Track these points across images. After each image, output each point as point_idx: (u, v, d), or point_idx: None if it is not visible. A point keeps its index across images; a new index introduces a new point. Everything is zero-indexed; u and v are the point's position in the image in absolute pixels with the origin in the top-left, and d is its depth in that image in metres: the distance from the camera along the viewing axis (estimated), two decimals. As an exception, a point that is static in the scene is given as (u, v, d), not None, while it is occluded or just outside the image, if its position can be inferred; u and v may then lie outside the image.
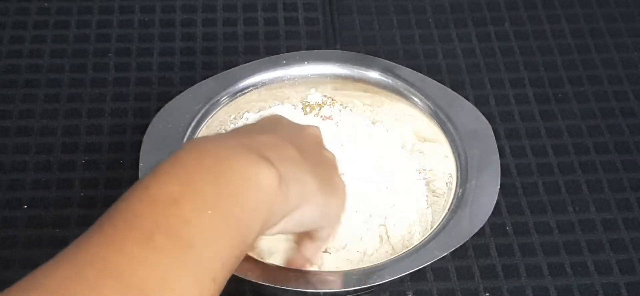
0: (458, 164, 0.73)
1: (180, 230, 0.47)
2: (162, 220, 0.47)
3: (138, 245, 0.46)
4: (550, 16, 0.96)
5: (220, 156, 0.52)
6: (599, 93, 0.89)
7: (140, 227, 0.47)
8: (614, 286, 0.74)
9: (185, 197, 0.49)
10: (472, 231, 0.67)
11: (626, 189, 0.81)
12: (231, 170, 0.52)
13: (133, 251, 0.45)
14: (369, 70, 0.79)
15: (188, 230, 0.47)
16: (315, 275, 0.65)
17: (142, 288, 0.45)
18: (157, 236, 0.46)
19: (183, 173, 0.50)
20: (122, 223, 0.47)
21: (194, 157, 0.52)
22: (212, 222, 0.49)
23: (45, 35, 0.92)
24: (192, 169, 0.51)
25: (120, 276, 0.45)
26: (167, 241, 0.46)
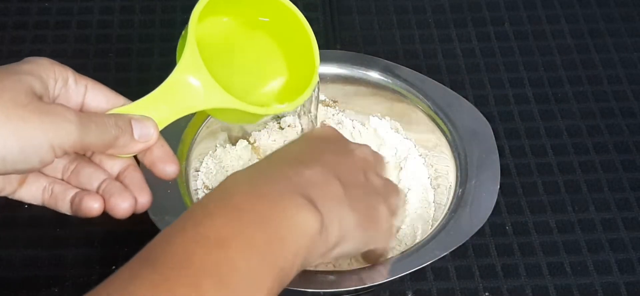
0: (458, 164, 0.73)
1: (227, 275, 0.48)
2: (210, 262, 0.48)
3: (187, 290, 0.46)
4: (550, 16, 0.96)
5: (269, 200, 0.53)
6: (599, 93, 0.89)
7: (190, 268, 0.47)
8: (613, 286, 0.74)
9: (234, 240, 0.50)
10: (472, 231, 0.67)
11: (625, 189, 0.81)
12: (278, 216, 0.52)
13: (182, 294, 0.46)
14: (369, 70, 0.79)
15: (234, 275, 0.48)
16: (315, 275, 0.65)
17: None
18: (205, 280, 0.47)
19: (233, 216, 0.51)
20: (172, 262, 0.48)
21: (246, 199, 0.53)
22: (256, 268, 0.50)
23: (45, 35, 0.92)
24: (243, 212, 0.52)
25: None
26: (214, 287, 0.47)
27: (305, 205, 0.53)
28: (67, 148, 0.55)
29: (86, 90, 0.59)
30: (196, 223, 0.51)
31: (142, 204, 0.59)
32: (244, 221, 0.51)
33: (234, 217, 0.51)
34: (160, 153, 0.60)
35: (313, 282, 0.64)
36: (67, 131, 0.55)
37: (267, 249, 0.51)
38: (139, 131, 0.58)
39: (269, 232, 0.51)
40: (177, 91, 0.61)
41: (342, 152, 0.62)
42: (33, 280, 0.73)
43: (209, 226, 0.50)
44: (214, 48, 0.65)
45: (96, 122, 0.57)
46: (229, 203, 0.52)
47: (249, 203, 0.52)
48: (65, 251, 0.74)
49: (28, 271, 0.73)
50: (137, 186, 0.59)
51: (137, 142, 0.58)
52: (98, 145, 0.57)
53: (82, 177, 0.59)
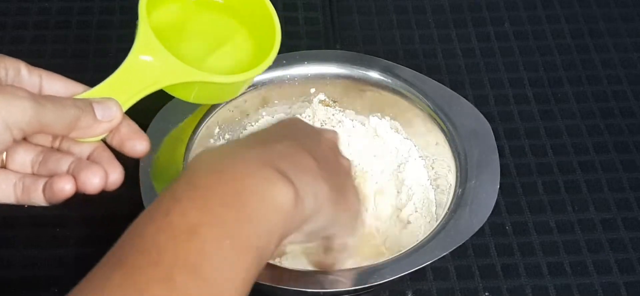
0: (458, 164, 0.73)
1: (199, 265, 0.47)
2: (181, 254, 0.47)
3: (160, 287, 0.45)
4: (550, 16, 0.96)
5: (237, 175, 0.51)
6: (599, 93, 0.89)
7: (161, 264, 0.46)
8: (613, 286, 0.74)
9: (204, 226, 0.48)
10: (472, 231, 0.67)
11: (625, 189, 0.81)
12: (249, 191, 0.51)
13: (155, 292, 0.45)
14: (369, 70, 0.79)
15: (207, 264, 0.47)
16: (315, 275, 0.65)
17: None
18: (177, 273, 0.46)
19: (200, 197, 0.50)
20: (143, 260, 0.47)
21: (213, 178, 0.51)
22: (230, 252, 0.48)
23: (45, 35, 0.92)
24: (211, 193, 0.50)
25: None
26: (187, 279, 0.46)
27: (277, 178, 0.52)
28: (24, 126, 0.54)
29: (41, 79, 0.59)
30: (164, 211, 0.49)
31: (114, 179, 0.58)
32: (212, 203, 0.49)
33: (201, 200, 0.49)
34: (127, 130, 0.59)
35: (313, 282, 0.64)
36: (20, 108, 0.54)
37: (239, 230, 0.49)
38: (102, 111, 0.58)
39: (239, 212, 0.50)
40: (135, 72, 0.61)
41: (311, 132, 0.62)
42: (33, 280, 0.73)
43: (177, 214, 0.49)
44: (172, 29, 0.65)
45: (53, 101, 0.56)
46: (196, 184, 0.51)
47: (217, 183, 0.51)
48: (65, 251, 0.74)
49: (28, 271, 0.73)
50: (107, 161, 0.58)
51: (100, 122, 0.58)
52: (58, 125, 0.56)
53: (50, 163, 0.58)
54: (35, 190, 0.58)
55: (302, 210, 0.53)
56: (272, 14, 0.67)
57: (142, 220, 0.49)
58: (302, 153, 0.56)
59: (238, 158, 0.53)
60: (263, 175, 0.52)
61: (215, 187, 0.50)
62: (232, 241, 0.49)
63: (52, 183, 0.57)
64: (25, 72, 0.59)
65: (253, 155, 0.53)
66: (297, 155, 0.55)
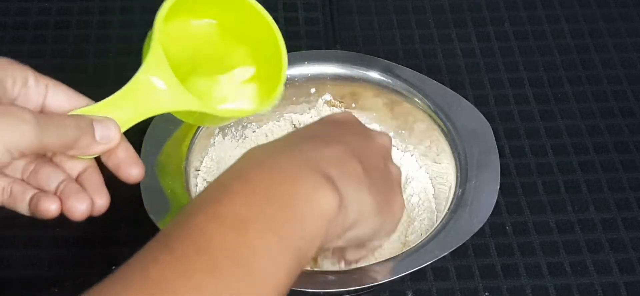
0: (458, 164, 0.73)
1: (245, 257, 0.48)
2: (229, 245, 0.48)
3: (205, 274, 0.46)
4: (550, 16, 0.96)
5: (287, 176, 0.52)
6: (599, 93, 0.89)
7: (208, 251, 0.47)
8: (613, 286, 0.74)
9: (253, 221, 0.49)
10: (472, 231, 0.67)
11: (625, 189, 0.81)
12: (297, 193, 0.52)
13: (200, 281, 0.46)
14: (369, 70, 0.79)
15: (252, 258, 0.48)
16: (316, 275, 0.65)
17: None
18: (222, 264, 0.47)
19: (252, 193, 0.50)
20: (191, 245, 0.47)
21: (265, 176, 0.52)
22: (275, 249, 0.49)
23: (45, 35, 0.92)
24: (262, 190, 0.51)
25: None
26: (232, 270, 0.47)
27: (324, 185, 0.52)
28: (24, 149, 0.54)
29: (47, 90, 0.59)
30: (214, 201, 0.50)
31: (100, 206, 0.58)
32: (262, 199, 0.50)
33: (252, 195, 0.50)
34: (124, 156, 0.59)
35: (313, 282, 0.64)
36: (22, 132, 0.54)
37: (286, 230, 0.50)
38: (101, 132, 0.58)
39: (288, 212, 0.51)
40: (141, 92, 0.60)
41: (363, 135, 0.62)
42: (33, 280, 0.73)
43: (227, 205, 0.49)
44: (180, 50, 0.64)
45: (56, 123, 0.56)
46: (247, 180, 0.51)
47: (267, 180, 0.51)
48: (65, 251, 0.74)
49: (28, 271, 0.73)
50: (96, 188, 0.58)
51: (98, 143, 0.58)
52: (58, 145, 0.56)
53: (40, 177, 0.58)
54: (22, 199, 0.58)
55: (344, 218, 0.54)
56: (281, 48, 0.66)
57: (190, 208, 0.50)
58: (351, 161, 0.56)
59: (289, 160, 0.54)
60: (312, 180, 0.52)
61: (266, 184, 0.51)
62: (278, 239, 0.49)
63: (39, 200, 0.57)
64: (33, 82, 0.58)
65: (303, 157, 0.54)
66: (346, 162, 0.56)
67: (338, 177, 0.54)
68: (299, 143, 0.56)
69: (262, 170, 0.52)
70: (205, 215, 0.49)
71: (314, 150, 0.55)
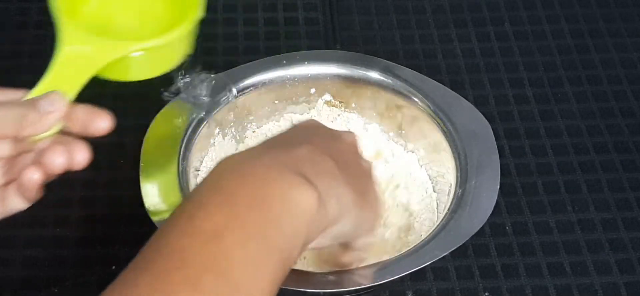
0: (458, 164, 0.73)
1: (225, 268, 0.47)
2: (207, 258, 0.47)
3: (186, 288, 0.46)
4: (550, 16, 0.96)
5: (260, 179, 0.52)
6: (599, 93, 0.89)
7: (187, 267, 0.46)
8: (613, 286, 0.74)
9: (228, 229, 0.49)
10: (472, 231, 0.67)
11: (625, 189, 0.81)
12: (272, 195, 0.51)
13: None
14: (369, 70, 0.79)
15: (233, 267, 0.47)
16: (316, 275, 0.65)
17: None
18: (204, 278, 0.46)
19: (226, 202, 0.50)
20: (169, 262, 0.47)
21: (237, 182, 0.51)
22: (255, 255, 0.49)
23: (45, 35, 0.91)
24: (235, 197, 0.51)
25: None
26: (214, 283, 0.46)
27: (300, 182, 0.52)
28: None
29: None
30: (189, 215, 0.49)
31: (80, 158, 0.57)
32: (236, 206, 0.50)
33: (226, 203, 0.50)
34: (85, 114, 0.58)
35: (313, 282, 0.64)
36: None
37: (264, 233, 0.50)
38: (45, 104, 0.57)
39: (263, 214, 0.50)
40: (68, 63, 0.60)
41: (331, 136, 0.62)
42: (33, 280, 0.73)
43: (201, 218, 0.49)
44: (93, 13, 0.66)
45: None
46: (219, 188, 0.51)
47: (240, 186, 0.51)
48: (65, 251, 0.74)
49: (28, 271, 0.73)
50: (70, 142, 0.57)
51: (47, 113, 0.57)
52: (6, 124, 0.56)
53: (15, 167, 0.58)
54: (9, 196, 0.58)
55: (325, 214, 0.54)
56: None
57: (167, 226, 0.49)
58: (324, 158, 0.56)
59: (260, 164, 0.53)
60: (286, 179, 0.52)
61: (239, 191, 0.51)
62: (257, 244, 0.49)
63: (21, 178, 0.57)
64: None
65: (275, 160, 0.54)
66: (319, 160, 0.56)
67: (312, 174, 0.53)
68: (269, 148, 0.56)
69: (234, 178, 0.52)
70: (179, 231, 0.49)
71: (285, 153, 0.55)
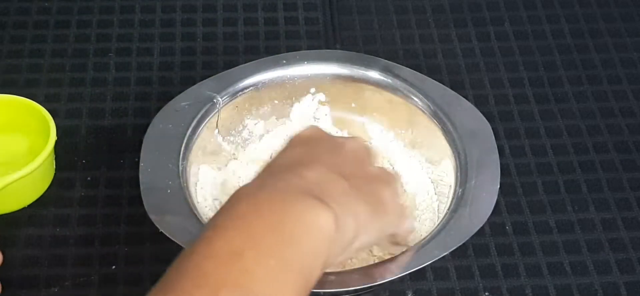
0: (458, 164, 0.73)
1: (244, 283, 0.48)
2: (226, 275, 0.48)
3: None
4: (550, 16, 0.96)
5: (276, 204, 0.53)
6: (599, 93, 0.89)
7: (208, 285, 0.47)
8: (613, 286, 0.74)
9: (247, 249, 0.49)
10: (472, 231, 0.67)
11: (625, 189, 0.81)
12: (289, 217, 0.52)
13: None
14: (369, 70, 0.79)
15: (253, 283, 0.48)
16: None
17: None
18: (223, 293, 0.47)
19: (243, 225, 0.51)
20: (189, 283, 0.48)
21: (252, 208, 0.52)
22: (275, 271, 0.49)
23: (45, 35, 0.92)
24: (251, 220, 0.51)
25: None
26: None
27: (315, 203, 0.53)
28: None
29: None
30: (207, 241, 0.50)
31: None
32: (254, 229, 0.51)
33: (244, 228, 0.51)
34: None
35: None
36: None
37: (283, 252, 0.50)
38: None
39: (281, 236, 0.51)
40: None
41: (335, 148, 0.62)
42: (33, 279, 0.73)
43: (219, 241, 0.50)
44: None
45: None
46: (236, 214, 0.52)
47: (257, 212, 0.52)
48: (65, 251, 0.74)
49: (28, 271, 0.73)
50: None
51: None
52: None
53: None
54: None
55: (344, 233, 0.55)
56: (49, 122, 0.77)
57: (186, 252, 0.50)
58: (333, 177, 0.57)
59: (275, 190, 0.54)
60: (301, 202, 0.53)
61: (256, 216, 0.52)
62: (277, 262, 0.50)
63: None
64: None
65: (288, 185, 0.55)
66: (330, 180, 0.57)
67: (325, 195, 0.54)
68: (280, 173, 0.57)
69: (250, 204, 0.53)
70: (199, 255, 0.50)
71: (297, 176, 0.56)
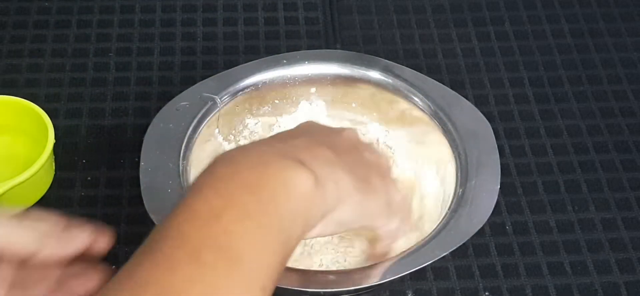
0: (458, 164, 0.73)
1: (225, 244, 0.48)
2: (206, 236, 0.48)
3: (188, 264, 0.47)
4: (550, 16, 0.96)
5: (255, 165, 0.53)
6: (599, 92, 0.89)
7: (188, 245, 0.48)
8: (613, 286, 0.74)
9: (226, 210, 0.50)
10: (472, 231, 0.67)
11: (625, 188, 0.81)
12: (267, 177, 0.52)
13: (185, 271, 0.46)
14: (369, 70, 0.79)
15: (233, 243, 0.48)
16: (315, 275, 0.65)
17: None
18: (204, 252, 0.47)
19: (221, 186, 0.51)
20: (169, 244, 0.48)
21: (231, 169, 0.52)
22: (254, 232, 0.50)
23: (45, 34, 0.92)
24: (230, 181, 0.52)
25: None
26: (214, 257, 0.47)
27: (294, 165, 0.53)
28: None
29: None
30: (187, 204, 0.51)
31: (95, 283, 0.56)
32: (232, 190, 0.51)
33: (222, 188, 0.51)
34: None
35: (313, 282, 0.64)
36: None
37: (262, 212, 0.50)
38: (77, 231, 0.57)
39: (260, 196, 0.51)
40: None
41: (330, 132, 0.63)
42: None
43: (199, 203, 0.50)
44: None
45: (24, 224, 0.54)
46: (215, 176, 0.52)
47: (236, 173, 0.52)
48: (65, 251, 0.74)
49: (28, 271, 0.73)
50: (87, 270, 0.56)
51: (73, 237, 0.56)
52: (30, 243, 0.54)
53: None
54: None
55: (324, 197, 0.54)
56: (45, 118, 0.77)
57: (168, 215, 0.51)
58: (320, 147, 0.57)
59: (255, 152, 0.55)
60: (281, 163, 0.53)
61: (234, 177, 0.52)
62: (256, 222, 0.50)
63: None
64: None
65: (270, 148, 0.55)
66: (315, 148, 0.57)
67: (309, 160, 0.54)
68: (265, 141, 0.58)
69: (229, 166, 0.53)
70: (179, 217, 0.50)
71: (281, 143, 0.56)
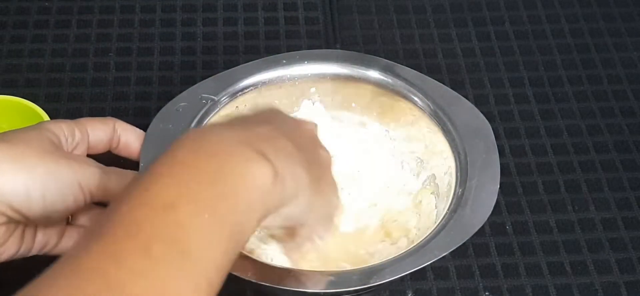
0: (458, 163, 0.73)
1: (177, 237, 0.47)
2: (159, 227, 0.47)
3: (137, 257, 0.46)
4: (550, 16, 0.96)
5: (216, 152, 0.52)
6: (599, 92, 0.89)
7: (139, 235, 0.47)
8: (613, 286, 0.74)
9: (182, 200, 0.49)
10: (472, 231, 0.67)
11: (625, 188, 0.81)
12: (228, 167, 0.52)
13: (133, 264, 0.45)
14: (369, 69, 0.79)
15: (185, 237, 0.48)
16: (315, 275, 0.65)
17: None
18: (155, 246, 0.46)
19: (180, 173, 0.50)
20: (121, 231, 0.47)
21: (193, 156, 0.52)
22: (208, 226, 0.49)
23: (45, 34, 0.92)
24: (189, 168, 0.51)
25: (121, 292, 0.45)
26: (165, 251, 0.46)
27: (256, 157, 0.53)
28: (93, 189, 0.63)
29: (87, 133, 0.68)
30: (144, 187, 0.50)
31: None
32: (191, 179, 0.50)
33: (181, 175, 0.50)
34: None
35: (313, 282, 0.64)
36: (91, 172, 0.63)
37: (218, 206, 0.50)
38: None
39: (218, 187, 0.50)
40: None
41: (290, 122, 0.63)
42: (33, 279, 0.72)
43: (156, 189, 0.49)
44: None
45: (115, 172, 0.65)
46: (174, 161, 0.51)
47: (196, 160, 0.51)
48: (65, 251, 0.74)
49: (28, 271, 0.73)
50: None
51: None
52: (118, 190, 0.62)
53: None
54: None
55: (281, 190, 0.54)
56: None
57: (122, 196, 0.50)
58: (282, 138, 0.57)
59: (218, 138, 0.54)
60: (242, 153, 0.53)
61: (195, 164, 0.51)
62: (211, 217, 0.49)
63: None
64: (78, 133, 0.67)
65: (233, 135, 0.54)
66: (277, 139, 0.56)
67: (269, 151, 0.54)
68: (228, 125, 0.57)
69: (191, 151, 0.52)
70: (134, 201, 0.49)
71: (244, 130, 0.55)
